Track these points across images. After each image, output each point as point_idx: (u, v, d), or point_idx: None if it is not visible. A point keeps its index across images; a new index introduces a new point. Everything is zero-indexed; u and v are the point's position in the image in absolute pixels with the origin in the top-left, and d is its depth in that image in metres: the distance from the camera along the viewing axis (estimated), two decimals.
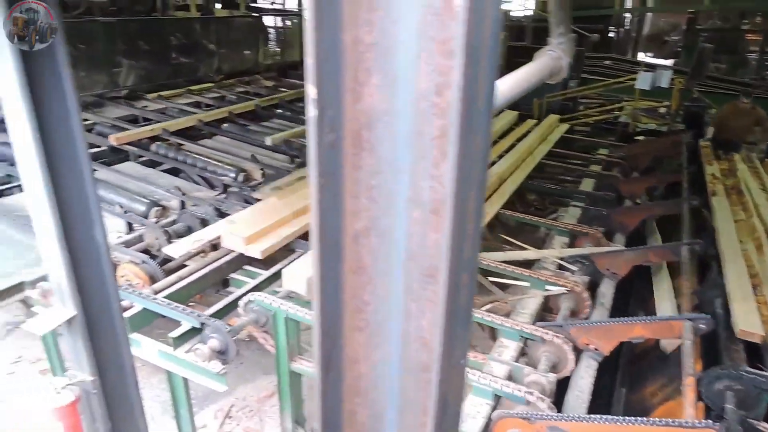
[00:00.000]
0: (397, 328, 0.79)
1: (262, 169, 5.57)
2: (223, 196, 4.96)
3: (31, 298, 3.50)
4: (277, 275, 3.70)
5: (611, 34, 14.75)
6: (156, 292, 3.48)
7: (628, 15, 15.28)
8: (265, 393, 4.39)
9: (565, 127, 7.43)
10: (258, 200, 4.72)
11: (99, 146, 5.81)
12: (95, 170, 4.91)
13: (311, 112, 0.64)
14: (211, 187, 5.37)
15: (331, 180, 0.69)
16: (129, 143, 5.86)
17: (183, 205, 4.71)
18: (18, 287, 3.55)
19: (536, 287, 3.85)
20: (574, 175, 6.15)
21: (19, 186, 4.91)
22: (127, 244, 4.06)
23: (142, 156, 5.76)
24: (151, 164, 5.68)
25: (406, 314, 0.77)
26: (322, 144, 0.66)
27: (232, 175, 5.38)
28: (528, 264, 4.17)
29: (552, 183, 6.09)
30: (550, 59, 4.08)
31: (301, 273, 3.49)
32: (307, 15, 0.60)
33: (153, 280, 3.73)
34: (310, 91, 0.63)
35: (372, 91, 0.66)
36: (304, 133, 6.74)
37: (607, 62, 11.71)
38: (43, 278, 3.45)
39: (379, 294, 0.78)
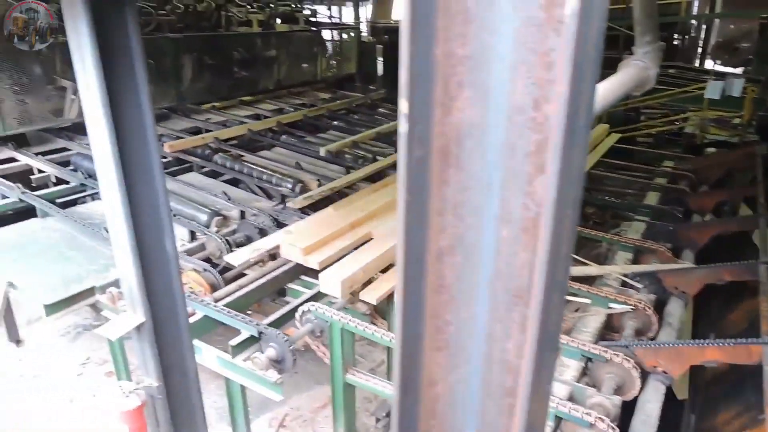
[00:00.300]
0: (479, 350, 0.76)
1: (318, 180, 5.64)
2: (281, 206, 5.05)
3: (100, 302, 3.65)
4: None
5: (676, 42, 14.20)
6: (216, 300, 3.56)
7: (694, 22, 14.68)
8: (318, 403, 4.41)
9: (615, 137, 7.14)
10: (300, 210, 4.82)
11: (165, 157, 6.06)
12: None
13: (402, 127, 0.63)
14: (269, 197, 5.48)
15: (417, 196, 0.68)
16: (183, 150, 6.10)
17: (243, 215, 4.83)
18: (89, 292, 3.72)
19: (598, 304, 3.70)
20: (636, 188, 5.91)
21: (91, 195, 5.17)
22: (190, 253, 4.19)
23: (204, 167, 5.95)
24: (213, 175, 5.86)
25: (489, 336, 0.74)
26: (410, 160, 0.65)
27: (290, 186, 5.47)
28: (589, 280, 4.02)
29: (612, 196, 5.87)
30: (637, 69, 3.89)
31: (336, 276, 3.52)
32: (402, 29, 0.59)
33: (214, 288, 3.83)
34: (402, 106, 0.62)
35: (462, 105, 0.64)
36: (354, 143, 6.82)
37: (672, 71, 11.27)
38: (113, 284, 3.60)
39: (461, 314, 0.75)
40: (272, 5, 9.72)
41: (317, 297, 3.70)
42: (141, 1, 7.30)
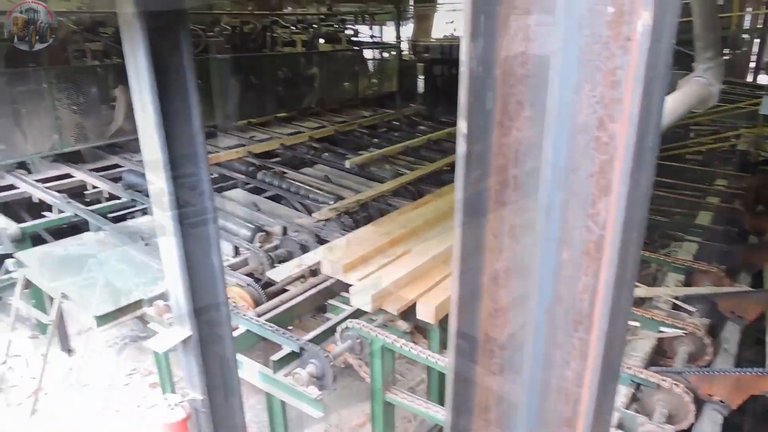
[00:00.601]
0: (535, 377, 0.74)
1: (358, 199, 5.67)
2: (322, 223, 5.09)
3: (147, 314, 3.74)
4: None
5: (727, 57, 13.75)
6: (259, 315, 3.60)
7: (746, 36, 14.20)
8: (357, 421, 4.38)
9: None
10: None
11: (211, 174, 6.22)
12: None
13: (460, 147, 0.62)
14: (311, 213, 5.54)
15: (474, 217, 0.67)
16: (227, 167, 6.27)
17: (285, 231, 4.88)
18: (137, 304, 3.82)
19: (648, 328, 3.56)
20: (686, 207, 5.70)
21: (141, 210, 5.35)
22: (234, 267, 4.26)
23: (248, 183, 6.08)
24: (257, 191, 5.98)
25: (546, 362, 0.71)
26: (468, 180, 0.64)
27: (331, 202, 5.52)
28: (638, 302, 3.88)
29: (661, 215, 5.67)
30: (699, 86, 3.74)
31: (367, 290, 3.51)
32: (462, 49, 0.58)
33: (256, 302, 3.87)
34: (461, 126, 0.61)
35: (522, 125, 0.63)
36: (383, 157, 6.86)
37: (723, 86, 10.87)
38: (159, 297, 3.69)
39: (517, 338, 0.73)
40: (315, 26, 9.94)
41: (357, 314, 3.69)
42: (191, 24, 7.59)
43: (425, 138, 7.79)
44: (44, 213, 5.34)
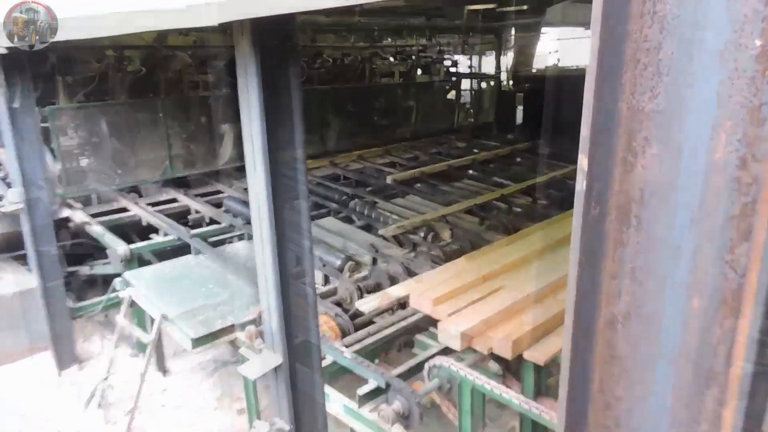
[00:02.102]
0: None
1: (451, 229, 5.65)
2: (412, 254, 5.11)
3: (239, 339, 3.91)
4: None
5: None
6: (346, 346, 3.64)
7: None
8: None
9: None
10: (431, 260, 4.82)
11: None
12: None
13: (580, 184, 0.61)
14: (401, 245, 5.58)
15: (590, 257, 0.65)
16: (321, 195, 6.49)
17: (375, 261, 4.95)
18: (230, 328, 4.01)
19: None
20: None
21: (238, 235, 5.66)
22: (323, 296, 4.36)
23: (340, 212, 6.26)
24: (348, 220, 6.14)
25: (672, 421, 0.67)
26: (586, 219, 0.62)
27: (422, 234, 5.54)
28: None
29: None
30: None
31: (456, 328, 3.44)
32: (587, 82, 0.58)
33: (344, 333, 3.93)
34: (582, 162, 0.60)
35: (648, 162, 0.61)
36: (492, 195, 6.77)
37: None
38: (251, 322, 3.86)
39: (635, 391, 0.69)
40: (414, 56, 10.20)
41: (446, 351, 3.64)
42: None
43: (547, 177, 7.54)
44: (151, 235, 5.78)
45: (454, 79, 10.52)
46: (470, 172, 8.07)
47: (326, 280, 4.77)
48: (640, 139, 0.61)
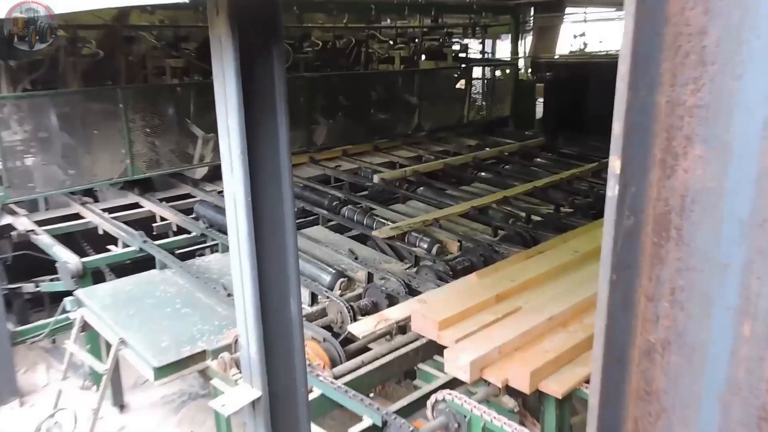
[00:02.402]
0: None
1: (459, 241, 5.66)
2: (414, 270, 5.11)
3: (211, 368, 3.89)
4: None
5: None
6: (336, 377, 3.64)
7: None
8: None
9: None
10: (437, 276, 4.83)
11: None
12: None
13: (611, 190, 0.62)
14: (401, 258, 5.58)
15: (623, 275, 0.65)
16: (309, 201, 6.49)
17: (370, 277, 4.95)
18: (200, 356, 4.00)
19: None
20: None
21: (211, 247, 5.65)
22: (310, 318, 4.35)
23: (331, 220, 6.26)
24: (340, 229, 6.14)
25: None
26: (619, 230, 0.63)
27: (425, 246, 5.54)
28: None
29: None
30: None
31: (465, 356, 3.45)
32: (619, 73, 0.59)
33: (334, 362, 3.92)
34: (614, 164, 0.61)
35: (690, 164, 0.61)
36: (497, 198, 6.80)
37: None
38: (226, 348, 3.84)
39: (675, 431, 0.70)
40: (417, 40, 10.22)
41: (453, 383, 3.63)
42: None
43: (555, 178, 7.60)
44: (109, 246, 5.77)
45: (463, 66, 10.54)
46: (482, 174, 8.09)
47: (314, 300, 4.77)
48: (681, 138, 0.62)
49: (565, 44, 14.85)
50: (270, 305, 2.31)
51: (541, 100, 11.39)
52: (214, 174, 7.04)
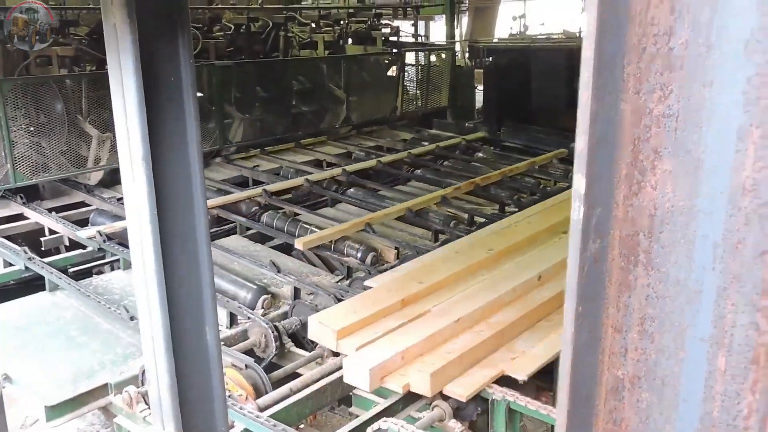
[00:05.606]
0: None
1: (396, 248, 5.68)
2: (347, 282, 5.10)
3: (114, 405, 3.77)
4: (417, 394, 3.66)
5: None
6: (261, 409, 3.58)
7: None
8: None
9: None
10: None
11: None
12: None
13: (576, 212, 0.61)
14: (331, 270, 5.56)
15: (589, 305, 0.65)
16: (223, 207, 6.37)
17: (297, 293, 4.90)
18: (101, 390, 3.86)
19: None
20: None
21: (111, 263, 5.46)
22: (228, 342, 4.27)
23: (250, 228, 6.17)
24: (261, 239, 6.05)
25: None
26: (584, 256, 0.62)
27: (359, 254, 5.53)
28: None
29: None
30: None
31: (363, 364, 3.51)
32: (581, 78, 0.58)
33: (258, 391, 3.86)
34: (579, 183, 0.60)
35: (659, 180, 0.61)
36: (437, 198, 6.88)
37: None
38: (131, 381, 3.72)
39: None
40: (343, 22, 10.21)
41: (394, 409, 3.64)
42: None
43: (498, 173, 7.71)
44: None
45: (395, 51, 10.60)
46: (419, 172, 8.16)
47: (233, 321, 4.69)
48: (648, 151, 0.62)
49: (505, 26, 15.19)
50: (182, 329, 2.25)
51: (480, 88, 11.58)
52: (112, 178, 6.82)
